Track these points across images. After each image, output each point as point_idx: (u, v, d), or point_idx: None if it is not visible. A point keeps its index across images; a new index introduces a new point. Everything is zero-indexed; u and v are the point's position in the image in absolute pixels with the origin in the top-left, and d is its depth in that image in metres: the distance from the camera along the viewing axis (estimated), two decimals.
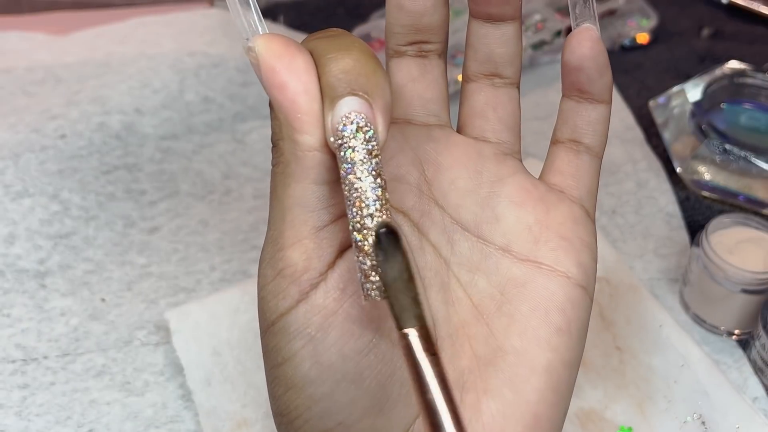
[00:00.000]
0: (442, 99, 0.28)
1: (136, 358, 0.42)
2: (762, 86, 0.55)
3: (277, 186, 0.23)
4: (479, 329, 0.26)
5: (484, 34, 0.27)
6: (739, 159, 0.50)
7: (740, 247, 0.44)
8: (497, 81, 0.28)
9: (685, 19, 0.70)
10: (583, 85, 0.27)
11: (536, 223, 0.27)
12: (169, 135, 0.55)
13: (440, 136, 0.27)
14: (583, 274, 0.26)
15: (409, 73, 0.27)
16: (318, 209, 0.22)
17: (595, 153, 0.28)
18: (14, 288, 0.45)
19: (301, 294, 0.23)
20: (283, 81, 0.21)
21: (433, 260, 0.26)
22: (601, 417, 0.40)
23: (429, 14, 0.26)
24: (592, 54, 0.26)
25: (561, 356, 0.25)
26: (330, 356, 0.23)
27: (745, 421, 0.39)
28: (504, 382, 0.25)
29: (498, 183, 0.27)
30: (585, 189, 0.28)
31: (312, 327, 0.22)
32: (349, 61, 0.21)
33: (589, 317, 0.27)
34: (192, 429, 0.39)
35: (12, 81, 0.59)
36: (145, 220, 0.50)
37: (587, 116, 0.27)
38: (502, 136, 0.28)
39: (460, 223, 0.27)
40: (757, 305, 0.43)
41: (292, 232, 0.22)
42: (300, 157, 0.22)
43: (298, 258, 0.22)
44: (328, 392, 0.23)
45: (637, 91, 0.62)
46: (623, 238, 0.50)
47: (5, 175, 0.50)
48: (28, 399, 0.40)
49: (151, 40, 0.64)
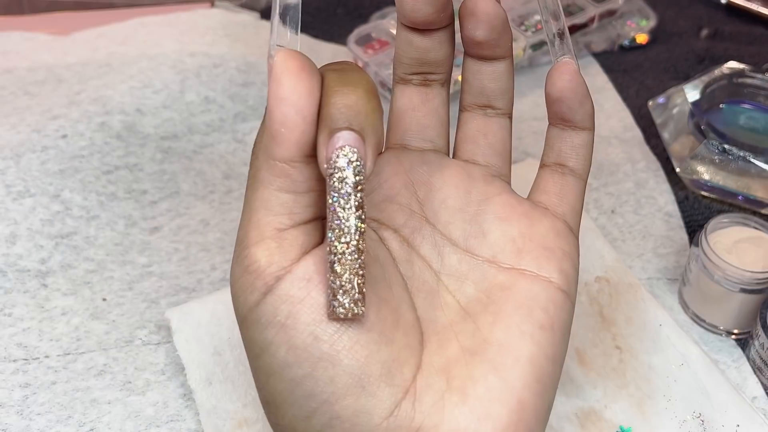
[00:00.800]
0: (441, 126, 0.31)
1: (137, 358, 0.43)
2: (761, 86, 0.55)
3: (248, 189, 0.25)
4: (466, 326, 0.27)
5: (477, 71, 0.30)
6: (738, 159, 0.51)
7: (739, 246, 0.44)
8: (490, 111, 0.31)
9: (684, 20, 0.70)
10: (565, 115, 0.29)
11: (520, 236, 0.29)
12: (170, 135, 0.55)
13: (433, 159, 0.30)
14: (564, 280, 0.28)
15: (411, 101, 0.30)
16: (280, 214, 0.24)
17: (579, 175, 0.30)
18: (16, 287, 0.46)
19: (266, 287, 0.24)
20: (283, 95, 0.23)
21: (421, 271, 0.28)
22: (600, 417, 0.40)
23: (435, 50, 0.29)
24: (572, 86, 0.28)
25: (544, 350, 0.27)
26: (303, 339, 0.24)
27: (745, 420, 0.40)
28: (489, 370, 0.26)
29: (485, 201, 0.29)
30: (569, 207, 0.30)
31: (281, 315, 0.24)
32: (353, 98, 0.23)
33: (572, 320, 0.29)
34: (193, 428, 0.40)
35: (13, 81, 0.59)
36: (146, 220, 0.50)
37: (571, 142, 0.30)
38: (491, 160, 0.30)
39: (450, 239, 0.29)
40: (756, 305, 0.43)
41: (256, 232, 0.24)
42: (270, 165, 0.24)
43: (261, 255, 0.24)
44: (308, 372, 0.24)
45: (636, 91, 0.62)
46: (622, 238, 0.50)
47: (7, 175, 0.50)
48: (29, 398, 0.41)
49: (152, 41, 0.64)
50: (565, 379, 0.42)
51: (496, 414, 0.25)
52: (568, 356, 0.43)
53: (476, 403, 0.25)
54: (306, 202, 0.24)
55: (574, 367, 0.42)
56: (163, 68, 0.58)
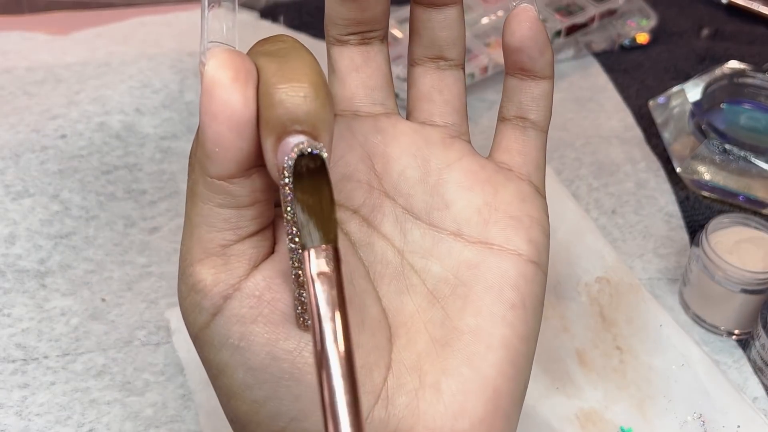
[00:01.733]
0: (387, 85, 0.28)
1: (137, 358, 0.43)
2: (762, 86, 0.55)
3: (187, 202, 0.23)
4: (435, 313, 0.26)
5: (427, 19, 0.28)
6: (739, 159, 0.50)
7: (740, 247, 0.44)
8: (442, 63, 0.28)
9: (684, 19, 0.70)
10: (525, 65, 0.27)
11: (485, 205, 0.27)
12: (170, 135, 0.55)
13: (387, 126, 0.28)
14: (534, 250, 0.27)
15: (353, 62, 0.28)
16: (224, 230, 0.22)
17: (540, 128, 0.29)
18: (15, 288, 0.45)
19: (215, 307, 0.23)
20: (215, 111, 0.21)
21: (384, 253, 0.27)
22: (601, 417, 0.40)
23: (372, 8, 0.26)
24: (532, 34, 0.26)
25: (516, 331, 0.26)
26: (261, 360, 0.22)
27: (746, 421, 0.39)
28: (462, 361, 0.25)
29: (446, 169, 0.27)
30: (533, 165, 0.29)
31: (233, 337, 0.22)
32: (300, 95, 0.20)
33: (544, 292, 0.27)
34: (192, 429, 0.39)
35: (12, 81, 0.59)
36: (145, 220, 0.50)
37: (531, 93, 0.28)
38: (449, 118, 0.28)
39: (412, 212, 0.27)
40: (757, 305, 0.43)
41: (199, 249, 0.22)
42: (208, 183, 0.22)
43: (207, 273, 0.22)
44: (270, 393, 0.23)
45: (637, 91, 0.62)
46: (623, 238, 0.50)
47: (6, 175, 0.50)
48: (28, 399, 0.40)
49: (151, 40, 0.64)
50: (566, 380, 0.42)
51: (472, 407, 0.24)
52: (568, 357, 0.43)
53: (451, 398, 0.24)
54: (251, 215, 0.23)
55: (575, 367, 0.42)
56: (162, 68, 0.58)
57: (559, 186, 0.52)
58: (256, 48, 0.23)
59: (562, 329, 0.44)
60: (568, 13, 0.63)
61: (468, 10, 0.62)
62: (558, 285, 0.46)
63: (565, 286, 0.46)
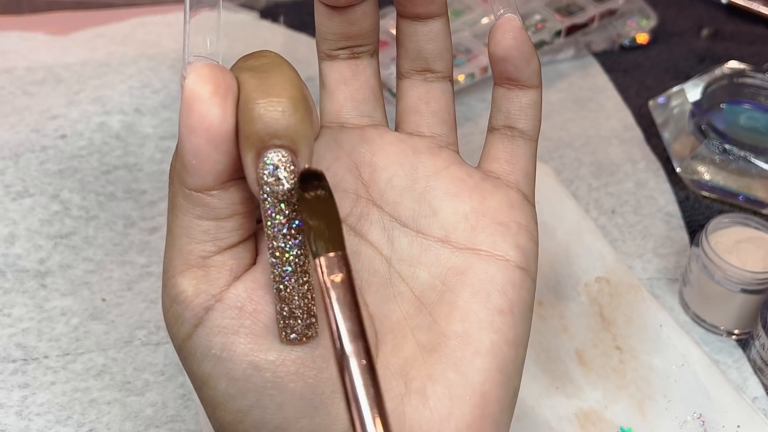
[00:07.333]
0: (375, 98, 0.29)
1: (137, 358, 0.43)
2: (762, 86, 0.55)
3: (168, 213, 0.23)
4: (422, 319, 0.26)
5: (412, 32, 0.28)
6: (739, 159, 0.50)
7: (739, 247, 0.44)
8: (429, 76, 0.29)
9: (684, 19, 0.70)
10: (511, 74, 0.27)
11: (472, 212, 0.27)
12: (169, 135, 0.55)
13: (374, 137, 0.28)
14: (522, 256, 0.27)
15: (341, 76, 0.28)
16: (203, 241, 0.23)
17: (529, 137, 0.29)
18: (15, 288, 0.45)
19: (196, 318, 0.23)
20: (193, 125, 0.21)
21: (371, 261, 0.27)
22: (600, 417, 0.40)
23: (360, 23, 0.27)
24: (517, 44, 0.27)
25: (504, 336, 0.25)
26: (243, 370, 0.23)
27: (746, 421, 0.40)
28: (448, 366, 0.25)
29: (433, 177, 0.28)
30: (521, 173, 0.29)
31: (215, 348, 0.23)
32: (279, 110, 0.21)
33: (533, 298, 0.27)
34: (192, 429, 0.39)
35: (12, 81, 0.59)
36: (145, 220, 0.50)
37: (518, 102, 0.28)
38: (436, 129, 0.29)
39: (399, 220, 0.27)
40: (757, 305, 0.43)
41: (180, 260, 0.23)
42: (186, 195, 0.22)
43: (188, 285, 0.23)
44: (253, 403, 0.23)
45: (637, 91, 0.62)
46: (623, 238, 0.50)
47: (5, 175, 0.50)
48: (28, 398, 0.40)
49: (151, 40, 0.64)
50: (565, 380, 0.42)
51: (459, 413, 0.24)
52: (567, 356, 0.43)
53: (437, 403, 0.24)
54: (231, 227, 0.23)
55: (574, 367, 0.42)
56: (162, 68, 0.58)
57: (559, 186, 0.52)
58: (240, 63, 0.23)
59: (561, 329, 0.44)
60: (568, 13, 0.63)
61: (468, 10, 0.62)
62: (557, 285, 0.46)
63: (565, 286, 0.46)
